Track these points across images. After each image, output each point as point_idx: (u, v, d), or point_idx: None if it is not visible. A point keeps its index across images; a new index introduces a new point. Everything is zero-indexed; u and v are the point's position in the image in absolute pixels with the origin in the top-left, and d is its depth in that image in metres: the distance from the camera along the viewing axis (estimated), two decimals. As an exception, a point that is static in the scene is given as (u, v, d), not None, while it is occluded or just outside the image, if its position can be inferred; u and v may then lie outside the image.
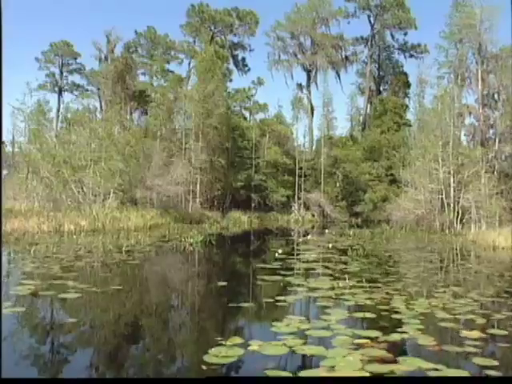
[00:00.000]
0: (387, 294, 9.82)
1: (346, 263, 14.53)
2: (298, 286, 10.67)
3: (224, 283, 11.10)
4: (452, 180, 29.23)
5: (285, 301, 9.02)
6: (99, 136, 33.95)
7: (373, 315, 8.00)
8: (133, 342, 6.88)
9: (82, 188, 31.49)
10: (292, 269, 13.32)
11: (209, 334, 7.17)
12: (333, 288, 10.35)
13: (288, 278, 11.58)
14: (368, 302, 8.99)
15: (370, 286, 10.49)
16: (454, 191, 29.16)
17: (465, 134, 33.60)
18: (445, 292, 10.12)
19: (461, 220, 28.92)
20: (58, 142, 34.64)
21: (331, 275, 12.09)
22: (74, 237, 21.40)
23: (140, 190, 34.79)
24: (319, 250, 18.82)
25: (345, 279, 11.23)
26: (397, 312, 8.20)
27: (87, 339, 6.85)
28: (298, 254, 16.97)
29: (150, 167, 36.21)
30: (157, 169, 36.40)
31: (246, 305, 8.81)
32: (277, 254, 16.19)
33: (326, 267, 13.60)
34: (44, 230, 23.11)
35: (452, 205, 29.04)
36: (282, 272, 12.56)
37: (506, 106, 31.09)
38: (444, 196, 29.63)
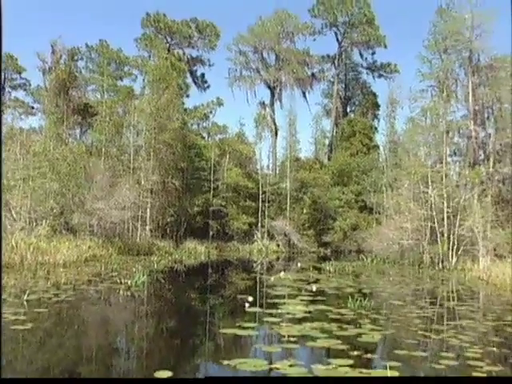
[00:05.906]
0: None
1: (353, 324, 9.73)
2: (302, 388, 5.82)
3: (168, 373, 6.17)
4: (445, 205, 24.98)
5: None
6: (30, 151, 29.08)
7: None
8: None
9: (11, 212, 26.35)
10: (277, 339, 8.41)
11: None
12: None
13: (278, 365, 6.68)
14: None
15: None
16: (448, 218, 24.92)
17: (450, 154, 29.59)
18: None
19: (456, 252, 24.62)
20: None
21: (345, 352, 7.29)
22: (-27, 276, 15.87)
23: (78, 215, 29.44)
24: (302, 295, 13.95)
25: (370, 362, 6.48)
26: None
27: None
28: (275, 305, 12.03)
29: (91, 188, 30.80)
30: (99, 190, 30.97)
31: None
32: (247, 305, 11.41)
33: (330, 333, 8.73)
34: None
35: (446, 234, 24.74)
36: (263, 347, 7.72)
37: (501, 122, 27.35)
38: (436, 224, 25.24)
